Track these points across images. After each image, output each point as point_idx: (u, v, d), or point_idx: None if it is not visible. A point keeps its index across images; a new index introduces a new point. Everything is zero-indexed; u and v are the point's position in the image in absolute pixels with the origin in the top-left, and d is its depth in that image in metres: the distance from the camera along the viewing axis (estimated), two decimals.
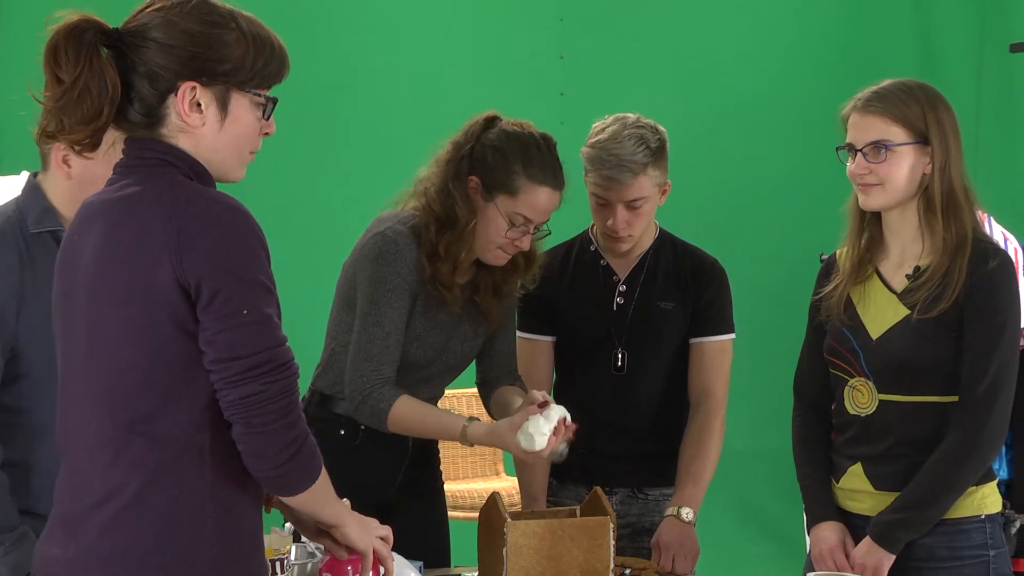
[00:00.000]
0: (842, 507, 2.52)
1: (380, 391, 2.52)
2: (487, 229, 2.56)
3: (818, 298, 2.56)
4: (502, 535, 2.43)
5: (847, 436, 2.51)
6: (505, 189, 2.55)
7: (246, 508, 1.84)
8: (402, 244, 2.55)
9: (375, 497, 2.61)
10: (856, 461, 2.49)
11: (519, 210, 2.55)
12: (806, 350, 2.61)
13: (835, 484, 2.53)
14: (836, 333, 2.51)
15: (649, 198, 2.74)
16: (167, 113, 1.84)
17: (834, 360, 2.52)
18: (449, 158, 2.59)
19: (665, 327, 2.82)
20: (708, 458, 2.78)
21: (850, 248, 2.53)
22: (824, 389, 2.56)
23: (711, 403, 2.80)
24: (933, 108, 2.41)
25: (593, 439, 2.76)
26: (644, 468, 2.85)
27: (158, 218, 1.76)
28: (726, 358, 2.84)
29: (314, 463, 1.85)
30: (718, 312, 2.83)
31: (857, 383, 2.48)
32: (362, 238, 2.63)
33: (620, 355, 2.80)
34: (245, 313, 1.76)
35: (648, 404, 2.83)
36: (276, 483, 1.84)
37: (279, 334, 1.80)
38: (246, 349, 1.76)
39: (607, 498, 2.53)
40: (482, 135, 2.58)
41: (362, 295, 2.56)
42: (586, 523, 2.48)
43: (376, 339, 2.52)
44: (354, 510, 2.01)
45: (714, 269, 2.86)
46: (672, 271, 2.84)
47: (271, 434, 1.78)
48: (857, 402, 2.48)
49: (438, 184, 2.58)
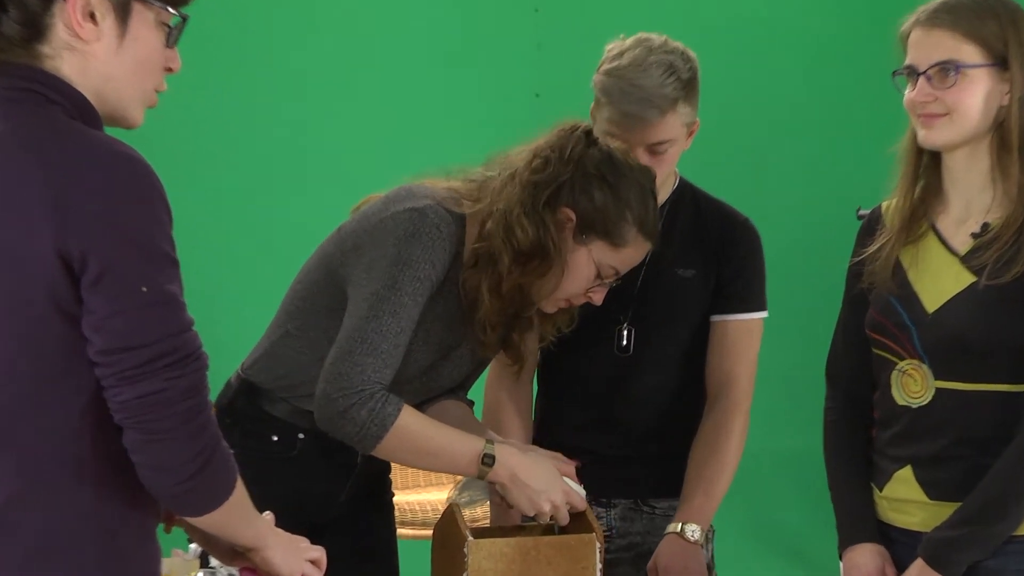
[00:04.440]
0: (885, 522, 2.50)
1: (384, 395, 2.44)
2: (570, 276, 2.54)
3: (858, 261, 2.54)
4: (462, 557, 2.41)
5: (894, 432, 2.49)
6: (609, 237, 2.53)
7: (137, 530, 1.83)
8: (444, 232, 2.50)
9: (311, 515, 2.58)
10: (905, 464, 2.47)
11: (614, 263, 2.55)
12: (842, 326, 2.59)
13: (877, 493, 2.51)
14: (882, 304, 2.49)
15: (675, 141, 2.70)
16: (51, 24, 1.79)
17: (878, 338, 2.49)
18: (539, 179, 2.53)
19: (682, 299, 2.80)
20: (724, 463, 2.76)
21: (901, 199, 2.50)
22: (864, 374, 2.54)
23: (733, 396, 2.79)
24: (1014, 25, 2.38)
25: (587, 438, 2.77)
26: (650, 475, 2.83)
27: (32, 169, 1.72)
28: (753, 342, 2.81)
29: (228, 476, 1.84)
30: (748, 284, 2.81)
31: (908, 367, 2.46)
32: (376, 207, 2.57)
33: (625, 332, 2.78)
34: (144, 292, 1.74)
35: (658, 395, 2.81)
36: (180, 501, 1.83)
37: (185, 317, 1.78)
38: (145, 337, 1.74)
39: (597, 511, 2.50)
40: (584, 155, 2.54)
41: (377, 275, 2.47)
42: (566, 542, 2.45)
43: (388, 333, 2.46)
44: (279, 527, 2.01)
45: (745, 230, 2.84)
46: (693, 230, 2.82)
47: (175, 442, 1.77)
48: (907, 390, 2.46)
49: (523, 206, 2.52)
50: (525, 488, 2.48)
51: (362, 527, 2.73)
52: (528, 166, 2.55)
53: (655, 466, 2.82)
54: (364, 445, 2.45)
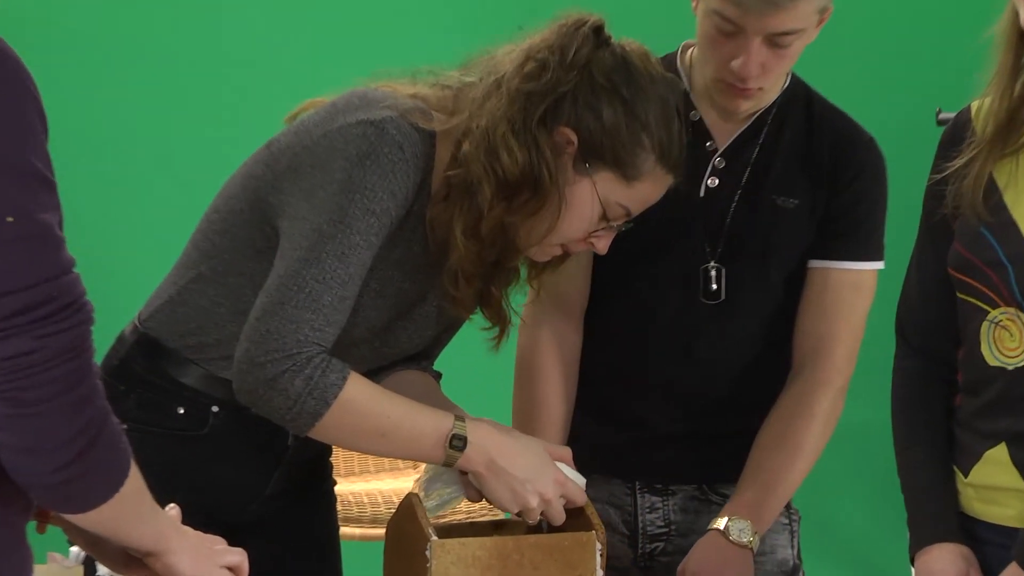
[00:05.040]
0: (971, 515, 2.54)
1: (324, 360, 2.42)
2: (568, 215, 2.52)
3: (939, 180, 2.56)
4: (423, 562, 2.41)
5: (983, 401, 2.51)
6: (619, 167, 2.51)
7: (0, 530, 1.83)
8: (408, 152, 2.49)
9: (227, 511, 2.59)
10: (998, 441, 2.49)
11: (625, 200, 2.53)
12: (917, 264, 2.63)
13: (961, 479, 2.55)
14: (970, 236, 2.51)
15: (804, 32, 2.69)
16: None
17: (965, 280, 2.52)
18: (532, 88, 2.51)
19: (780, 235, 2.80)
20: (798, 450, 2.78)
21: (996, 98, 2.50)
22: (946, 327, 2.58)
23: (824, 367, 2.79)
24: None
25: (645, 405, 2.80)
26: (721, 454, 2.83)
27: None
28: (862, 300, 2.79)
29: (118, 460, 1.85)
30: (861, 224, 2.80)
31: (1003, 317, 2.49)
32: (319, 116, 2.53)
33: (713, 273, 2.78)
34: (10, 222, 1.74)
35: (745, 355, 2.83)
36: (58, 493, 1.83)
37: (64, 256, 1.78)
38: (11, 282, 1.74)
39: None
40: (592, 59, 2.52)
41: (320, 206, 2.45)
42: (558, 543, 2.46)
43: (332, 282, 2.44)
44: (186, 524, 2.01)
45: (869, 151, 2.82)
46: (801, 145, 2.82)
47: (50, 417, 1.77)
48: (1002, 348, 2.49)
49: (511, 122, 2.50)
50: (506, 477, 2.48)
51: (294, 525, 2.73)
52: (519, 71, 2.52)
53: (729, 444, 2.82)
54: (298, 424, 2.43)
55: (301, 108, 2.61)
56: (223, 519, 2.48)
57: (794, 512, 2.89)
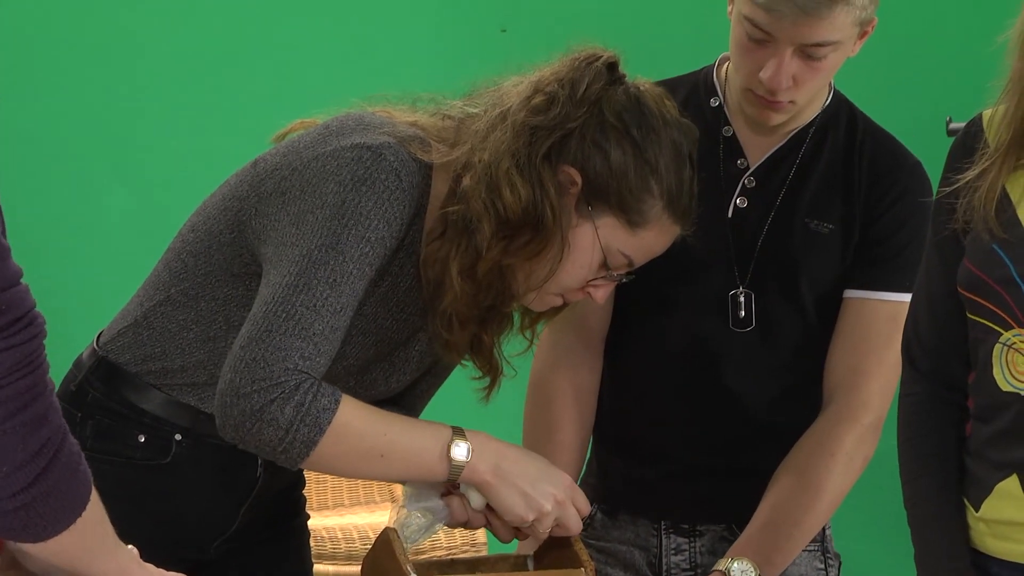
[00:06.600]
0: (983, 551, 2.53)
1: (314, 385, 2.42)
2: (568, 260, 2.53)
3: (950, 193, 2.54)
4: None
5: (995, 429, 2.50)
6: (624, 212, 2.52)
7: None
8: (405, 182, 2.49)
9: (193, 547, 2.61)
10: (1010, 472, 2.48)
11: (627, 249, 2.55)
12: (926, 283, 2.61)
13: (972, 512, 2.54)
14: (981, 253, 2.49)
15: (841, 44, 2.70)
16: None
17: (976, 299, 2.50)
18: (539, 122, 2.52)
19: (813, 261, 2.82)
20: (820, 492, 2.79)
21: (1011, 106, 2.48)
22: (956, 349, 2.56)
23: (852, 403, 2.82)
24: None
25: (668, 439, 2.84)
26: (752, 491, 2.83)
27: None
28: (898, 332, 2.75)
29: (77, 485, 1.88)
30: (903, 251, 2.81)
31: (1016, 339, 2.47)
32: (311, 138, 2.56)
33: (743, 299, 2.76)
34: None
35: (775, 386, 2.84)
36: (14, 520, 1.85)
37: (12, 267, 1.81)
38: None
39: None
40: (604, 96, 2.52)
41: (311, 231, 2.47)
42: None
43: (324, 309, 2.44)
44: (149, 561, 2.04)
45: (913, 177, 2.85)
46: (839, 166, 2.83)
47: (4, 438, 1.81)
48: (1016, 372, 2.47)
49: (515, 158, 2.51)
50: (516, 481, 2.48)
51: (264, 562, 2.74)
52: (526, 104, 2.53)
53: (759, 481, 2.83)
54: (291, 454, 2.41)
55: (291, 128, 2.61)
56: (188, 556, 2.49)
57: (831, 556, 2.87)
